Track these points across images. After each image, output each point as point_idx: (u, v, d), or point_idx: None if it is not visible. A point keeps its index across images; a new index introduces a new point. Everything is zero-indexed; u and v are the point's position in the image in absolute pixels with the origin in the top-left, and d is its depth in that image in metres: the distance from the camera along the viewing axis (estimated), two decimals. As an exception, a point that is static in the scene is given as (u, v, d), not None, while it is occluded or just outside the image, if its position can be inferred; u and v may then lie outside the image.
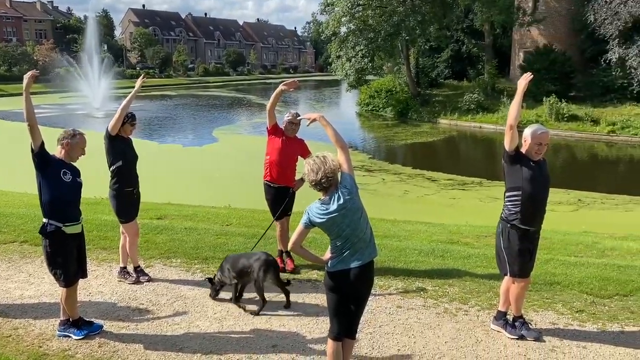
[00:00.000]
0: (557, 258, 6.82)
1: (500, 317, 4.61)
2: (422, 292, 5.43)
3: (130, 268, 5.75)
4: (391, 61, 36.41)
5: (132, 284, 5.59)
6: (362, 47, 31.86)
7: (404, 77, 35.11)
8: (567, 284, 5.67)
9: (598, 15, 25.60)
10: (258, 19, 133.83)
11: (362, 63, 32.43)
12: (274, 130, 5.98)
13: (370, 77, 36.85)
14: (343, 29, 33.82)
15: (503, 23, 33.58)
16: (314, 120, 3.80)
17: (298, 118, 5.70)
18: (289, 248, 3.64)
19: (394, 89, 35.19)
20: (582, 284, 5.69)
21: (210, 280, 5.29)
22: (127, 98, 5.35)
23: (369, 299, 5.17)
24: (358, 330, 4.47)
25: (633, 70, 24.25)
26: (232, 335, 4.57)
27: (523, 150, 4.27)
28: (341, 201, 3.39)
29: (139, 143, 6.26)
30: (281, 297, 5.12)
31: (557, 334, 4.57)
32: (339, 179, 3.48)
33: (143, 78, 5.84)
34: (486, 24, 32.82)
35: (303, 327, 4.69)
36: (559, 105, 26.70)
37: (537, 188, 4.20)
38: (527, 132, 4.25)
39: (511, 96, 26.90)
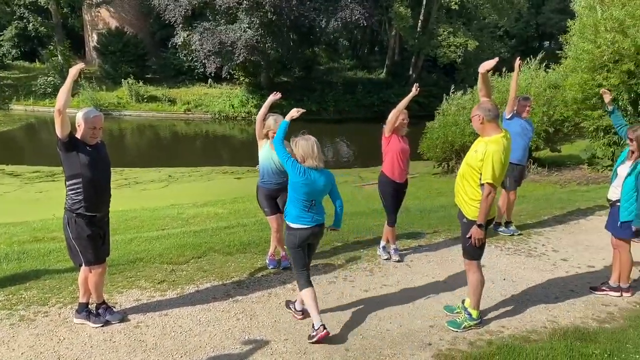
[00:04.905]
0: (141, 235, 7.09)
1: (82, 309, 4.47)
2: (-9, 307, 4.74)
3: None
4: None
5: None
6: None
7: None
8: (149, 259, 5.96)
9: (162, 1, 27.06)
10: None
11: None
12: None
13: None
14: None
15: (70, 2, 31.97)
16: None
17: None
18: None
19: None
20: (163, 255, 6.09)
21: None
22: None
23: None
24: None
25: (197, 54, 26.81)
26: None
27: (78, 135, 4.14)
28: None
29: None
30: None
31: (142, 310, 4.75)
32: None
33: None
34: (52, 2, 30.57)
35: None
36: (137, 87, 27.51)
37: (97, 173, 4.16)
38: (80, 115, 4.14)
39: (89, 78, 26.05)
